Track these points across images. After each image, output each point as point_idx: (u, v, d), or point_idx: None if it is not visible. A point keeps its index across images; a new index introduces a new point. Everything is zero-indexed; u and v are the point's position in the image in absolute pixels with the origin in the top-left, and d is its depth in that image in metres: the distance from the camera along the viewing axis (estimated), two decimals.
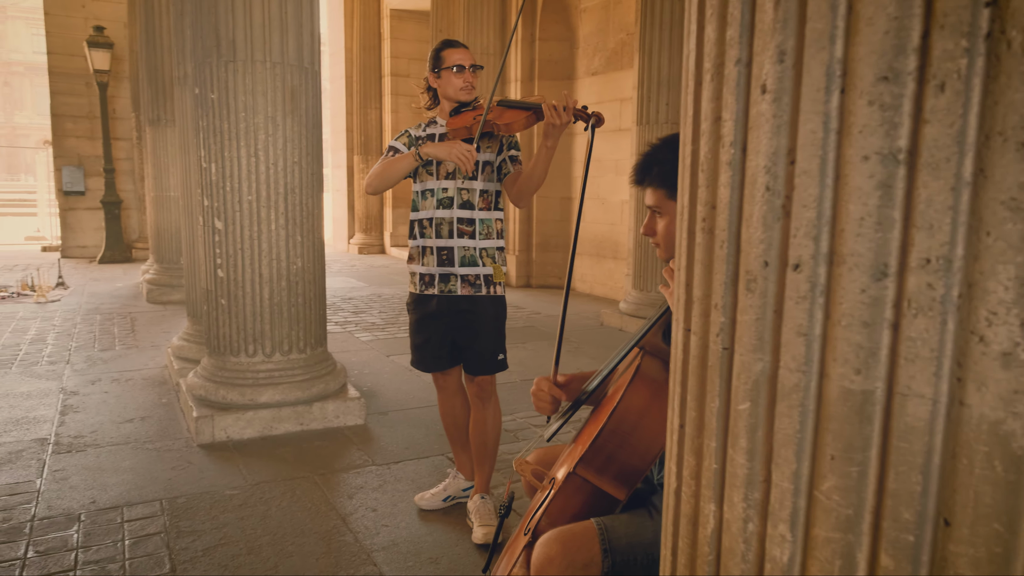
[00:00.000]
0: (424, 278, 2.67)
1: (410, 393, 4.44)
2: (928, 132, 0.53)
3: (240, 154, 3.52)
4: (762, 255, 0.63)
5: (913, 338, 0.55)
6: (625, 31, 7.57)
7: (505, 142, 2.64)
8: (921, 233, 0.54)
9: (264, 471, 3.21)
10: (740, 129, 0.65)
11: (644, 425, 1.47)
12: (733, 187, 0.66)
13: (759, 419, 0.64)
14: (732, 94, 0.66)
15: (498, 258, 2.66)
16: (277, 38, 3.51)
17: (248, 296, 3.62)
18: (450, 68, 2.60)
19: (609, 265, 8.15)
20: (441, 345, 2.71)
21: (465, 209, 2.59)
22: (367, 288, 8.87)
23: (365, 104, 12.70)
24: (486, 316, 2.64)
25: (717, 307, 0.68)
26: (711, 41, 0.69)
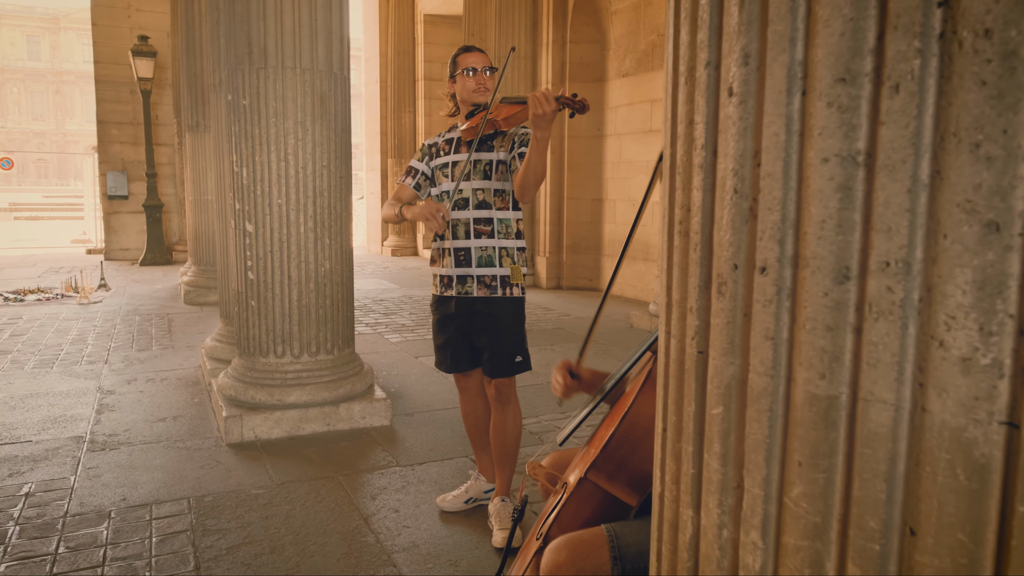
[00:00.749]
0: (443, 280, 2.69)
1: (436, 395, 4.47)
2: (885, 134, 0.52)
3: (271, 158, 3.59)
4: (731, 258, 0.63)
5: (875, 342, 0.54)
6: (656, 32, 7.52)
7: (518, 140, 2.61)
8: (880, 236, 0.53)
9: (290, 471, 3.26)
10: (711, 132, 0.65)
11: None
12: (705, 190, 0.66)
13: (731, 424, 0.64)
14: (703, 97, 0.66)
15: (517, 258, 2.65)
16: (307, 45, 3.57)
17: (277, 298, 3.69)
18: (464, 71, 2.62)
19: (640, 267, 8.10)
20: (460, 346, 2.73)
21: (482, 209, 2.60)
22: (398, 290, 8.95)
23: (399, 108, 12.83)
24: (503, 318, 2.64)
25: (692, 311, 0.68)
26: (684, 44, 0.69)
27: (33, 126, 46.15)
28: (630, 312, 6.85)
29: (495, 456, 2.80)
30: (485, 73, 2.63)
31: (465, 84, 2.62)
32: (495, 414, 2.76)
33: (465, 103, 2.66)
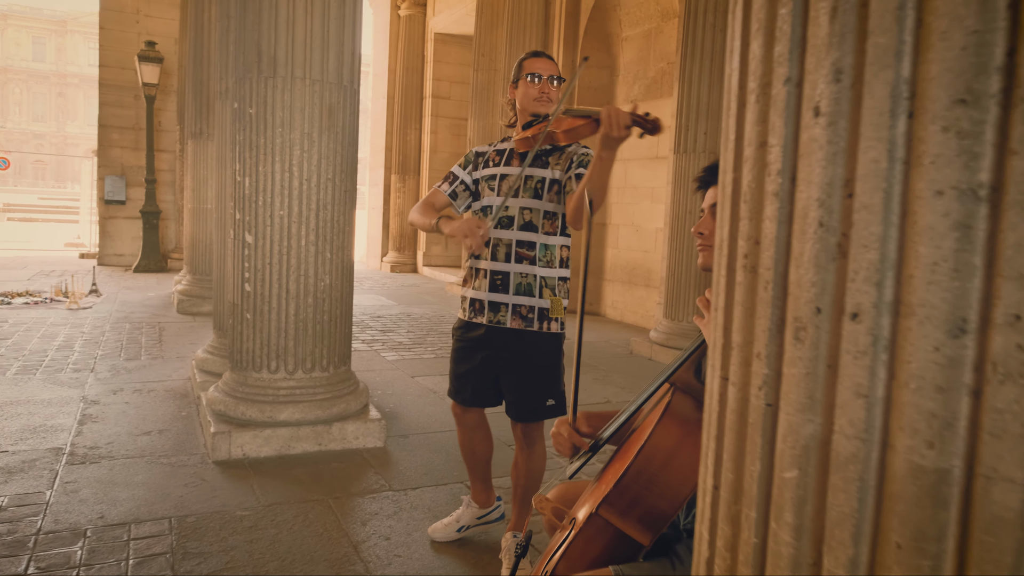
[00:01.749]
0: (474, 304, 2.47)
1: (432, 416, 4.36)
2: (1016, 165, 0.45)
3: (274, 169, 3.51)
4: (813, 300, 0.55)
5: (1000, 409, 0.46)
6: (666, 60, 7.51)
7: (576, 160, 2.38)
8: (1009, 284, 0.45)
9: (278, 492, 3.14)
10: (789, 156, 0.57)
11: (673, 466, 1.37)
12: (780, 221, 0.58)
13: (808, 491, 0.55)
14: (780, 117, 0.58)
15: (559, 290, 2.43)
16: (318, 56, 3.51)
17: (274, 311, 3.59)
18: (527, 77, 2.41)
19: (641, 293, 8.03)
20: (483, 380, 2.52)
21: (527, 231, 2.38)
22: (397, 307, 8.86)
23: (405, 125, 12.82)
24: (536, 355, 2.42)
25: (760, 356, 0.60)
26: (756, 58, 0.62)
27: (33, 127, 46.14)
28: (630, 338, 6.76)
29: (515, 495, 2.65)
30: (551, 83, 2.43)
31: (527, 91, 2.41)
32: (519, 453, 2.61)
33: (524, 112, 2.44)
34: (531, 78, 2.41)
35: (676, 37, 6.72)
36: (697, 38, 5.77)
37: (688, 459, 1.36)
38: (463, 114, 12.23)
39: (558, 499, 1.76)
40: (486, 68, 9.63)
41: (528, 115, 2.44)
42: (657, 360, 6.20)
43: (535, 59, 2.46)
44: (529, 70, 2.43)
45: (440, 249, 12.89)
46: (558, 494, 1.80)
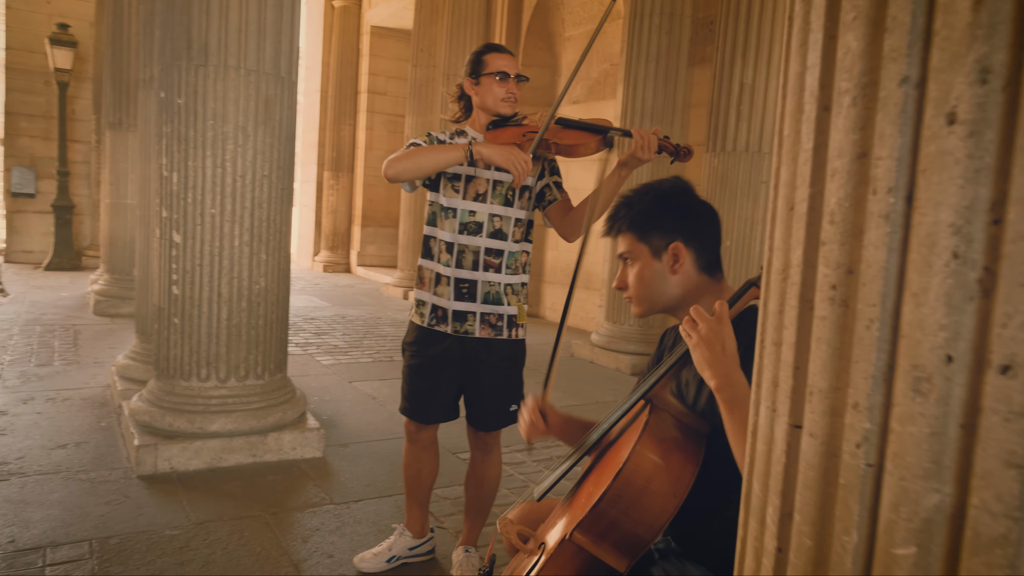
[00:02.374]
0: (436, 311, 2.33)
1: (373, 424, 4.19)
2: None
3: (206, 164, 3.28)
4: (942, 346, 0.46)
5: None
6: (609, 61, 7.50)
7: (547, 166, 2.34)
8: None
9: (210, 508, 2.93)
10: (905, 171, 0.48)
11: (652, 490, 1.29)
12: (891, 248, 0.49)
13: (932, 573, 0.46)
14: (893, 124, 0.49)
15: (521, 295, 2.37)
16: (254, 44, 3.29)
17: (204, 316, 3.36)
18: (493, 75, 2.27)
19: (580, 295, 8.01)
20: (448, 395, 2.41)
21: (496, 239, 2.27)
22: (331, 308, 8.58)
23: (339, 120, 12.48)
24: (504, 364, 2.35)
25: (858, 408, 0.50)
26: (852, 53, 0.52)
27: None
28: (571, 341, 6.71)
29: (469, 506, 2.54)
30: (517, 82, 2.31)
31: (493, 90, 2.27)
32: (475, 462, 2.50)
33: (486, 111, 2.32)
34: (498, 77, 2.28)
35: (620, 38, 6.71)
36: (643, 40, 5.76)
37: (668, 482, 1.29)
38: (400, 110, 11.98)
39: (520, 520, 1.67)
40: (425, 64, 9.44)
41: (491, 115, 2.33)
42: (599, 363, 6.17)
43: (500, 55, 2.32)
44: (495, 68, 2.29)
45: (375, 249, 12.60)
46: (520, 515, 1.70)
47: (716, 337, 1.26)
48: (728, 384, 1.24)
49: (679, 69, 5.84)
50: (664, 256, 1.48)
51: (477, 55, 2.34)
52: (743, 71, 4.90)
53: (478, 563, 2.50)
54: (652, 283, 1.50)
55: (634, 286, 1.51)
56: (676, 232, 1.48)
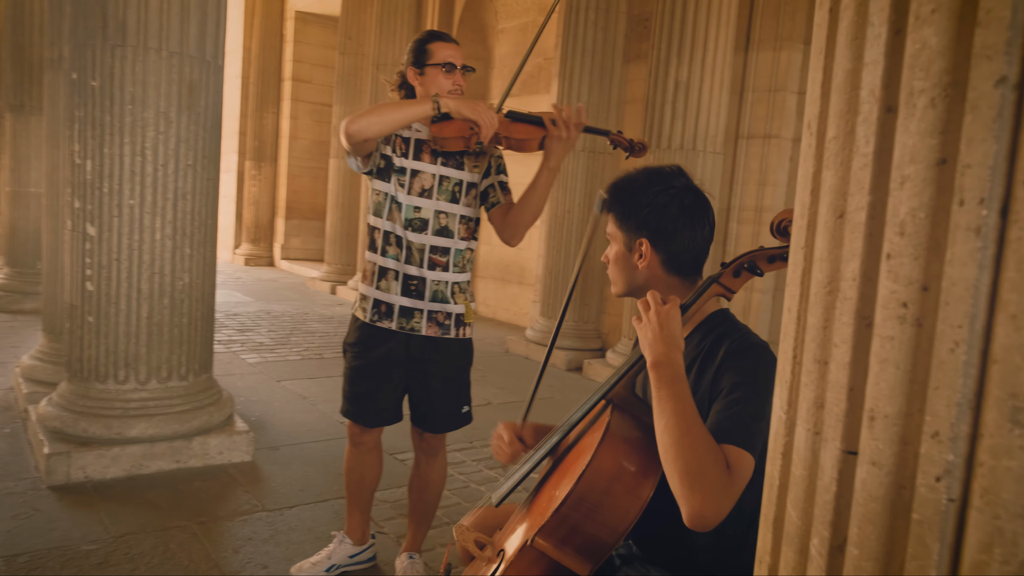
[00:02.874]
0: (380, 306, 2.23)
1: (304, 424, 4.05)
2: None
3: (123, 151, 3.08)
4: None
5: None
6: (542, 55, 7.48)
7: (494, 163, 2.27)
8: None
9: (131, 519, 2.75)
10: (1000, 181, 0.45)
11: (615, 492, 1.26)
12: (982, 266, 0.45)
13: None
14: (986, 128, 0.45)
15: (468, 294, 2.31)
16: (176, 25, 3.10)
17: (123, 314, 3.16)
18: (438, 65, 2.18)
19: (514, 290, 7.98)
20: (392, 396, 2.31)
21: (442, 237, 2.21)
22: (254, 303, 8.28)
23: (262, 108, 12.05)
24: (453, 363, 2.28)
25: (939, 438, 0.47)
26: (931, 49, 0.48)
27: None
28: (506, 337, 6.68)
29: (412, 509, 2.46)
30: (463, 73, 2.23)
31: (439, 82, 2.18)
32: (420, 465, 2.41)
33: None
34: (445, 68, 2.19)
35: (554, 32, 6.69)
36: (578, 35, 5.75)
37: (631, 485, 1.26)
38: (326, 99, 11.66)
39: (476, 526, 1.61)
40: (353, 52, 9.20)
41: None
42: (534, 359, 6.16)
43: (446, 45, 2.23)
44: (441, 58, 2.19)
45: (300, 242, 12.25)
46: (476, 521, 1.64)
47: (660, 318, 1.28)
48: (665, 363, 1.25)
49: (615, 65, 5.87)
50: (633, 248, 1.47)
51: (421, 43, 2.24)
52: (678, 69, 4.95)
53: (423, 569, 2.42)
54: (623, 269, 1.50)
55: (611, 266, 1.52)
56: (643, 229, 1.45)
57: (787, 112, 5.30)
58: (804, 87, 5.29)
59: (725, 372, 1.31)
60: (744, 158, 5.53)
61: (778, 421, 0.65)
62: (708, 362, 1.36)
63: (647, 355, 1.27)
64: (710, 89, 4.94)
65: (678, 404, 1.19)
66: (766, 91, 5.36)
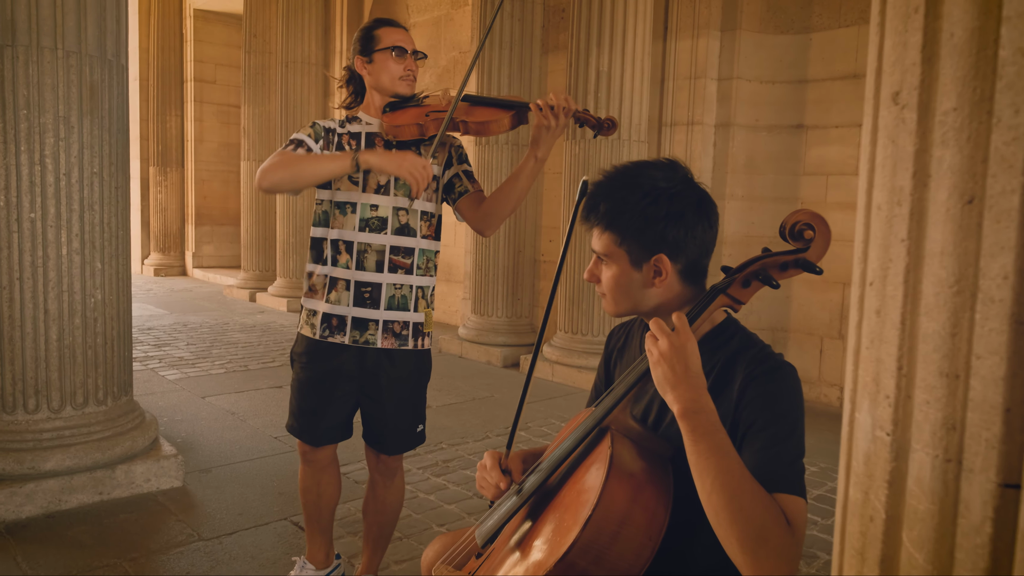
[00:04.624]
0: (330, 320, 2.06)
1: (235, 443, 3.84)
2: None
3: (20, 160, 2.82)
4: None
5: None
6: (458, 49, 7.38)
7: (455, 153, 2.15)
8: None
9: (53, 562, 2.53)
10: None
11: (625, 535, 1.11)
12: None
13: None
14: None
15: (431, 300, 2.16)
16: (72, 21, 2.86)
17: (29, 337, 2.90)
18: (388, 50, 2.03)
19: (442, 288, 7.87)
20: (342, 412, 2.16)
21: (403, 235, 2.05)
22: (169, 316, 7.87)
23: (164, 110, 11.46)
24: (409, 377, 2.13)
25: None
26: None
27: None
28: (437, 336, 6.56)
29: (368, 532, 2.31)
30: (415, 58, 2.09)
31: (389, 68, 2.03)
32: (376, 487, 2.27)
33: (382, 92, 2.08)
34: (394, 52, 2.04)
35: (468, 25, 6.60)
36: (494, 27, 5.68)
37: (642, 523, 1.12)
38: (234, 100, 11.20)
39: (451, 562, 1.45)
40: (259, 50, 8.84)
41: (388, 96, 2.10)
42: (468, 357, 6.08)
43: (394, 29, 2.09)
44: (391, 42, 2.05)
45: (213, 249, 11.74)
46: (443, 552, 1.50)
47: (678, 355, 1.09)
48: (694, 410, 1.07)
49: (533, 56, 5.83)
50: (645, 267, 1.26)
51: (367, 30, 2.10)
52: (599, 58, 4.95)
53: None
54: (628, 291, 1.29)
55: (608, 288, 1.31)
56: (662, 244, 1.24)
57: (708, 99, 5.39)
58: (724, 74, 5.39)
59: (752, 400, 1.16)
60: (668, 145, 5.60)
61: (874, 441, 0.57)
62: (723, 384, 1.20)
63: (672, 403, 1.09)
64: (631, 78, 4.97)
65: (723, 460, 1.04)
66: (686, 78, 5.43)
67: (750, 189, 5.51)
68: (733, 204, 5.51)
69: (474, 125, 1.99)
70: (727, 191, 5.52)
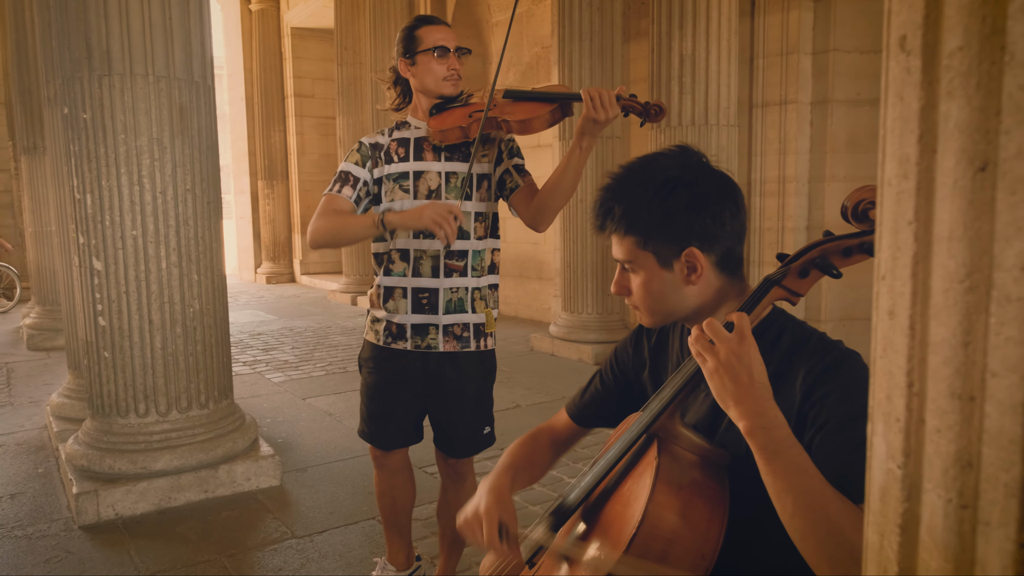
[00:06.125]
0: (391, 328, 2.08)
1: (331, 443, 3.98)
2: None
3: (121, 182, 3.02)
4: None
5: None
6: (540, 45, 7.35)
7: (504, 148, 2.07)
8: None
9: (161, 557, 2.70)
10: None
11: (675, 552, 1.01)
12: None
13: None
14: None
15: (490, 300, 2.12)
16: (161, 48, 3.04)
17: (136, 346, 3.11)
18: (430, 51, 1.99)
19: (534, 286, 7.87)
20: (409, 418, 2.17)
21: (457, 238, 2.00)
22: (277, 321, 8.26)
23: (268, 127, 12.06)
24: (474, 379, 2.11)
25: None
26: None
27: None
28: (529, 334, 6.57)
29: (444, 537, 2.32)
30: (458, 56, 2.04)
31: (432, 68, 1.99)
32: (448, 491, 2.27)
33: (428, 94, 2.05)
34: (436, 52, 2.00)
35: (550, 20, 6.55)
36: (574, 19, 5.61)
37: (692, 541, 1.02)
38: (330, 112, 11.63)
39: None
40: (351, 62, 9.14)
41: (434, 97, 2.06)
42: (560, 355, 6.04)
43: (435, 28, 2.04)
44: (432, 42, 2.00)
45: (317, 255, 12.25)
46: None
47: (740, 363, 0.97)
48: (763, 426, 0.95)
49: (614, 45, 5.71)
50: (676, 265, 1.15)
51: (408, 31, 2.06)
52: (682, 42, 4.79)
53: None
54: (663, 296, 1.17)
55: (640, 297, 1.19)
56: (690, 236, 1.14)
57: (802, 75, 5.11)
58: (819, 47, 5.10)
59: (821, 399, 1.04)
60: (761, 128, 5.35)
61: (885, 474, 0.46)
62: (782, 379, 1.07)
63: (737, 420, 0.97)
64: (717, 59, 4.77)
65: (802, 479, 0.93)
66: (777, 55, 5.17)
67: (853, 169, 5.18)
68: (834, 186, 5.21)
69: (516, 124, 1.93)
70: (827, 172, 5.21)
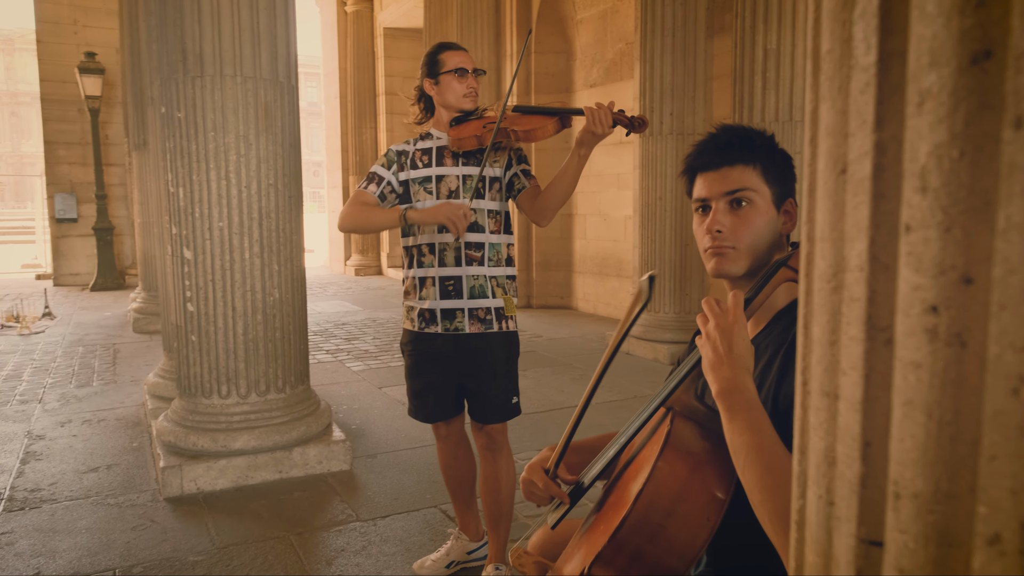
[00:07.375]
0: (424, 314, 2.35)
1: (402, 431, 4.10)
2: None
3: (209, 177, 3.22)
4: None
5: None
6: (624, 41, 7.28)
7: (514, 155, 2.38)
8: None
9: (235, 530, 2.87)
10: None
11: (681, 512, 1.08)
12: None
13: None
14: None
15: (509, 288, 2.38)
16: (249, 51, 3.21)
17: (220, 332, 3.31)
18: (451, 72, 2.32)
19: (613, 284, 7.82)
20: (445, 392, 2.42)
21: (473, 232, 2.30)
22: (362, 312, 8.55)
23: (360, 124, 12.46)
24: (498, 355, 2.35)
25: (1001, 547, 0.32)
26: None
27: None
28: (605, 332, 6.54)
29: (487, 515, 2.47)
30: (475, 76, 2.38)
31: (453, 87, 2.32)
32: (485, 466, 2.44)
33: (449, 108, 2.36)
34: (457, 73, 2.32)
35: (633, 16, 6.49)
36: (657, 14, 5.54)
37: (699, 501, 1.09)
38: None
39: (539, 550, 1.47)
40: None
41: (454, 111, 2.36)
42: (636, 355, 5.99)
43: (456, 52, 2.36)
44: (452, 65, 2.33)
45: None
46: (539, 545, 1.52)
47: (723, 336, 1.08)
48: (730, 389, 1.05)
49: (697, 41, 5.60)
50: (781, 208, 1.25)
51: (432, 56, 2.38)
52: (766, 36, 4.65)
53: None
54: (762, 234, 1.22)
55: (739, 232, 1.22)
56: (791, 189, 1.27)
57: None
58: None
59: None
60: None
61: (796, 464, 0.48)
62: None
63: (711, 381, 1.08)
64: (802, 54, 4.61)
65: (755, 437, 1.02)
66: None
67: None
68: None
69: (522, 133, 2.25)
70: None
